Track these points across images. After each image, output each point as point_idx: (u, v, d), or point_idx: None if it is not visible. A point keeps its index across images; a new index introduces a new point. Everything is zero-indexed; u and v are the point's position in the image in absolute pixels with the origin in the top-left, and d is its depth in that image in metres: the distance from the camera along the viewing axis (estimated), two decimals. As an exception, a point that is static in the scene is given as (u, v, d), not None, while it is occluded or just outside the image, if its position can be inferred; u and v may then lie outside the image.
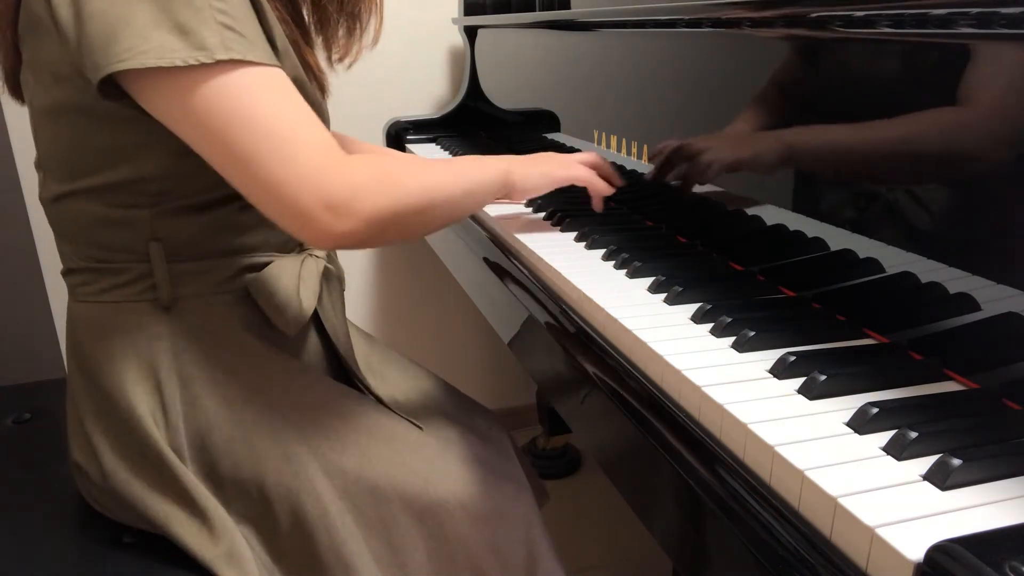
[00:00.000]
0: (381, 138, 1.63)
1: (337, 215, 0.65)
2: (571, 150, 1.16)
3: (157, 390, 0.73)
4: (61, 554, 0.75)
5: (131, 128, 0.68)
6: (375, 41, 0.83)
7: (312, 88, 0.79)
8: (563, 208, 1.00)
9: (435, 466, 0.82)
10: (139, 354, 0.73)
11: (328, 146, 0.66)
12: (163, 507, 0.73)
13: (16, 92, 0.77)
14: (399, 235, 0.72)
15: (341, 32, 0.81)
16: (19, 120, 1.44)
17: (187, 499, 0.72)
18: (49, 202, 0.75)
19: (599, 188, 0.94)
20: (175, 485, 0.72)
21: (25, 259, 1.52)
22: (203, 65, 0.61)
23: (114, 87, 0.64)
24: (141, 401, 0.72)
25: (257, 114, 0.63)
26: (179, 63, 0.60)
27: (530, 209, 1.05)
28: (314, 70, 0.80)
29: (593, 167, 0.95)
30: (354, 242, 0.68)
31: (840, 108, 0.64)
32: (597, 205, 0.97)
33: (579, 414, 0.69)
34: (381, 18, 0.83)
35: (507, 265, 0.89)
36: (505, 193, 0.86)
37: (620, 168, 1.00)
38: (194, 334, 0.75)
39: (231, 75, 0.62)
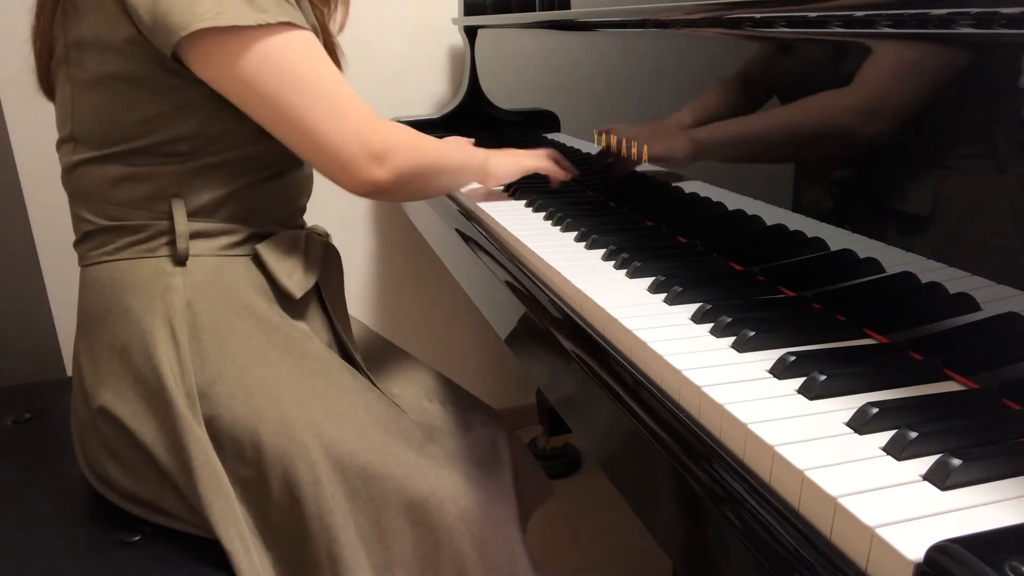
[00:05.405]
0: (381, 138, 1.63)
1: (379, 164, 0.77)
2: (572, 150, 1.16)
3: (172, 338, 0.75)
4: (61, 554, 0.75)
5: (170, 95, 0.75)
6: (341, 29, 0.92)
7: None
8: (563, 208, 1.00)
9: (429, 458, 0.82)
10: (155, 305, 0.76)
11: (366, 106, 0.78)
12: (169, 462, 0.74)
13: (47, 84, 0.82)
14: (414, 191, 0.87)
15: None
16: (19, 120, 1.44)
17: (189, 455, 0.72)
18: (72, 168, 0.79)
19: (557, 175, 1.10)
20: (183, 439, 0.73)
21: (25, 259, 1.52)
22: (267, 26, 0.71)
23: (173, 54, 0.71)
24: (159, 349, 0.74)
25: (310, 74, 0.74)
26: (251, 23, 0.70)
27: (530, 208, 1.05)
28: (335, 49, 0.88)
29: (554, 160, 1.09)
30: (385, 188, 0.79)
31: (841, 108, 0.64)
32: (555, 184, 1.11)
33: (578, 413, 0.69)
34: (347, 8, 0.91)
35: (507, 264, 0.89)
36: (481, 177, 1.01)
37: (611, 163, 1.00)
38: (205, 290, 0.77)
39: (286, 38, 0.73)
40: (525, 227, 0.96)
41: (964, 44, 0.53)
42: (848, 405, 0.51)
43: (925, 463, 0.45)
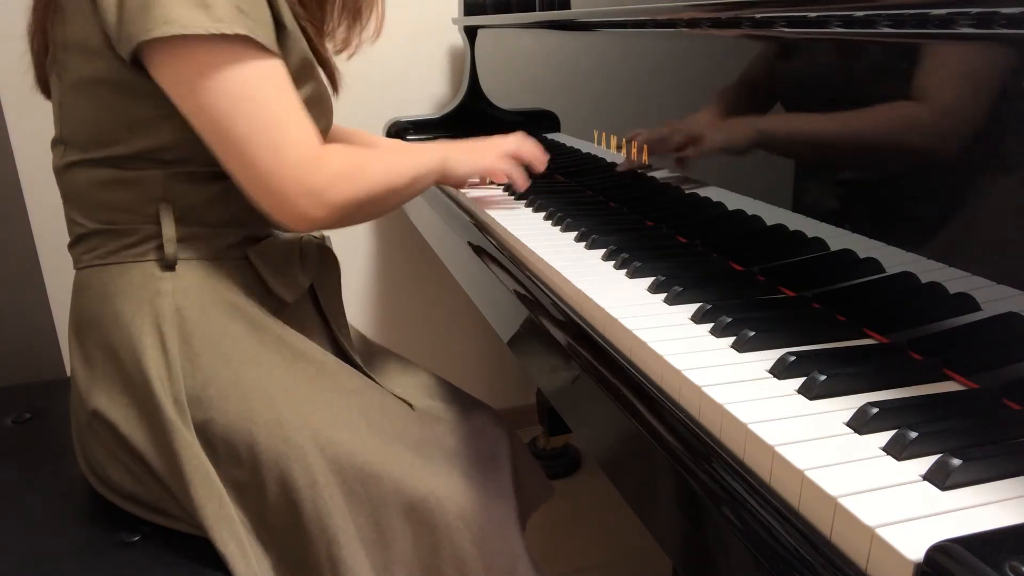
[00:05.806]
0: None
1: (314, 202, 0.73)
2: (571, 150, 1.16)
3: (161, 343, 0.74)
4: (61, 554, 0.75)
5: (155, 100, 0.72)
6: (376, 35, 0.89)
7: (318, 74, 0.82)
8: (563, 208, 1.00)
9: (427, 458, 0.82)
10: (143, 309, 0.75)
11: (312, 139, 0.74)
12: (161, 466, 0.73)
13: (43, 81, 0.82)
14: (360, 219, 0.81)
15: (341, 27, 0.86)
16: (19, 120, 1.44)
17: (180, 460, 0.72)
18: (63, 170, 0.79)
19: (517, 183, 1.02)
20: (173, 444, 0.72)
21: (25, 259, 1.52)
22: (221, 37, 0.67)
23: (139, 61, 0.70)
24: (147, 354, 0.74)
25: (256, 100, 0.70)
26: (200, 31, 0.66)
27: (530, 208, 1.05)
28: (327, 62, 0.85)
29: (516, 156, 1.02)
30: (324, 225, 0.76)
31: (842, 108, 0.64)
32: (520, 187, 1.03)
33: (578, 414, 0.69)
34: (382, 15, 0.88)
35: (508, 264, 0.89)
36: (441, 179, 0.94)
37: (606, 163, 0.99)
38: (195, 293, 0.77)
39: (240, 59, 0.69)
40: (525, 227, 0.96)
41: (964, 44, 0.53)
42: (848, 405, 0.51)
43: (925, 463, 0.45)
